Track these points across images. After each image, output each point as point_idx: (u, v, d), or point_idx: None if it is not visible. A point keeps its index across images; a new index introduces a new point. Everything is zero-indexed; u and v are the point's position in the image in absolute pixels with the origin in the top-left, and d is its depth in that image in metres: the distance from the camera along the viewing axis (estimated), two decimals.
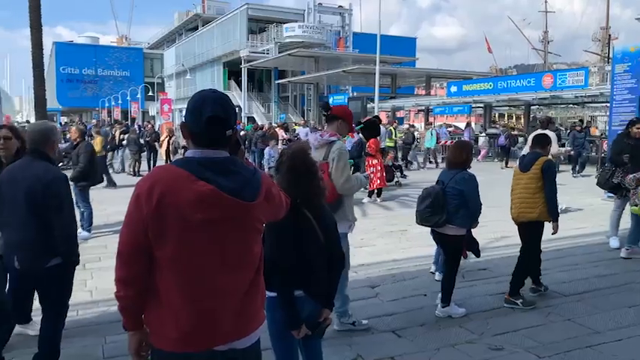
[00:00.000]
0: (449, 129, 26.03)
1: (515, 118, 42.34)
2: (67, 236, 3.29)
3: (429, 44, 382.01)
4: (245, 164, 1.97)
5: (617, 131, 9.57)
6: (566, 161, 16.95)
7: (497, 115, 39.46)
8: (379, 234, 7.86)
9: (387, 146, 14.50)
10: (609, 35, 55.32)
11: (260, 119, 37.29)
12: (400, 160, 16.90)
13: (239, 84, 43.81)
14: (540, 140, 5.13)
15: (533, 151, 5.10)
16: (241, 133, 19.00)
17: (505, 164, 18.14)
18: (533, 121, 24.75)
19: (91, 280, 5.56)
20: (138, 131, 19.13)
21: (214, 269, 1.85)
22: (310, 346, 2.80)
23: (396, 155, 14.84)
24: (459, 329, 4.33)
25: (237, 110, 9.94)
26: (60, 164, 9.25)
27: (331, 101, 25.36)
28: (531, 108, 26.72)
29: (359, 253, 6.37)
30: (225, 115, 1.87)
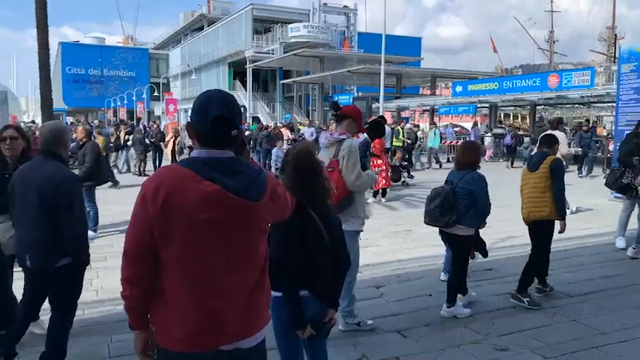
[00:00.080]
0: (455, 129, 25.97)
1: (521, 118, 42.11)
2: (76, 236, 3.30)
3: (434, 44, 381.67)
4: (250, 164, 1.97)
5: (624, 131, 9.54)
6: (572, 161, 16.89)
7: (503, 115, 39.34)
8: (384, 234, 7.85)
9: (395, 146, 14.47)
10: (615, 35, 55.07)
11: (265, 119, 37.32)
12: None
13: (244, 84, 43.89)
14: (547, 140, 5.16)
15: (540, 151, 5.11)
16: (246, 133, 19.00)
17: (511, 164, 18.09)
18: (539, 122, 24.66)
19: (97, 280, 5.59)
20: (143, 131, 19.16)
21: (220, 269, 1.85)
22: (315, 346, 2.80)
23: (403, 155, 14.80)
24: (464, 329, 4.33)
25: (242, 110, 9.96)
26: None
27: None
28: (537, 108, 26.59)
29: (364, 253, 6.30)
30: (231, 115, 1.87)
